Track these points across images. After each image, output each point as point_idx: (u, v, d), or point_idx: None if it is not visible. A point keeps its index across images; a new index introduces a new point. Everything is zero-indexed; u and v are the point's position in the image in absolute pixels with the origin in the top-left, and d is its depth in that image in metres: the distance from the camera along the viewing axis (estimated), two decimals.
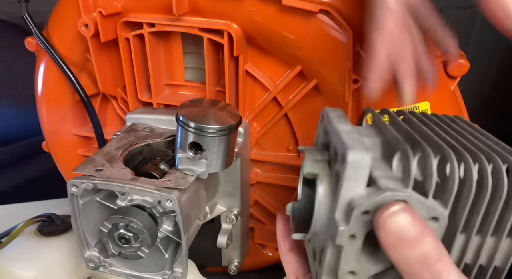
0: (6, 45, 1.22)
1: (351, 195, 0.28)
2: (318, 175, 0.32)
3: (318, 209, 0.32)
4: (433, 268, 0.27)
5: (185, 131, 0.47)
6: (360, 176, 0.28)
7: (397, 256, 0.27)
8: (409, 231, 0.26)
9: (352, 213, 0.28)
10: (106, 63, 0.62)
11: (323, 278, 0.32)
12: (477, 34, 1.57)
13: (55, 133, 0.72)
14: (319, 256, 0.33)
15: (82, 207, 0.50)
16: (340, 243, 0.29)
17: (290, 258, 0.39)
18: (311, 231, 0.32)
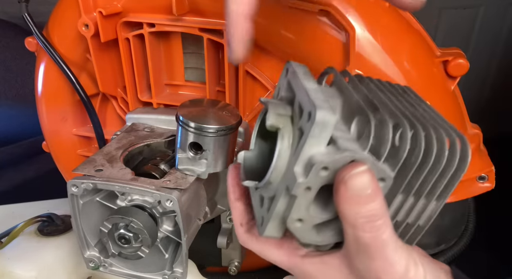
0: (6, 45, 1.22)
1: (313, 151, 0.30)
2: (280, 129, 0.33)
3: (276, 160, 0.33)
4: (374, 223, 0.31)
5: (185, 131, 0.47)
6: (324, 135, 0.30)
7: (349, 209, 0.31)
8: (366, 190, 0.30)
9: (312, 168, 0.30)
10: (106, 63, 0.62)
11: (270, 223, 0.34)
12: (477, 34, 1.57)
13: (55, 133, 0.72)
14: (268, 203, 0.35)
15: (82, 207, 0.50)
16: (296, 193, 0.31)
17: (237, 206, 0.41)
18: (265, 180, 0.34)
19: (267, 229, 0.35)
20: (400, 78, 0.55)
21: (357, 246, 0.32)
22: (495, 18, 1.54)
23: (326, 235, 0.35)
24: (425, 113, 0.37)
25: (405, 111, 0.35)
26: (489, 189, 0.61)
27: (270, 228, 0.35)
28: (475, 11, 1.53)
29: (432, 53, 0.56)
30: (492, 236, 0.91)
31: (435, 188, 0.34)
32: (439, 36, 1.55)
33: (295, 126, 0.33)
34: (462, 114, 0.61)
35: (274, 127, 0.33)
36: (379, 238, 0.32)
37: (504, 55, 1.59)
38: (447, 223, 0.74)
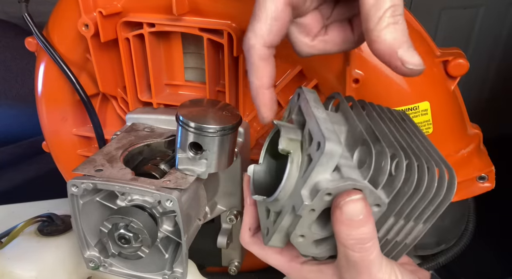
0: (6, 45, 1.22)
1: (319, 178, 0.34)
2: (291, 153, 0.37)
3: (285, 181, 0.37)
4: (363, 245, 0.35)
5: (185, 131, 0.47)
6: (330, 164, 0.33)
7: (342, 231, 0.35)
8: (359, 216, 0.34)
9: (318, 194, 0.33)
10: (106, 63, 0.62)
11: (275, 236, 0.39)
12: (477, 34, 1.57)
13: (55, 133, 0.72)
14: (274, 217, 0.40)
15: (82, 207, 0.50)
16: (301, 214, 0.35)
17: (251, 211, 0.46)
18: (274, 197, 0.38)
19: (272, 240, 0.39)
20: (399, 78, 0.55)
21: (347, 262, 0.37)
22: (495, 18, 1.54)
23: (323, 249, 0.39)
24: (419, 143, 0.41)
25: (402, 142, 0.39)
26: (489, 189, 0.61)
27: (274, 239, 0.39)
28: (475, 11, 1.53)
29: (432, 53, 0.56)
30: (492, 236, 0.92)
31: (423, 214, 0.39)
32: (439, 36, 1.55)
33: (304, 151, 0.37)
34: (462, 114, 0.61)
35: (285, 151, 0.37)
36: (367, 258, 0.36)
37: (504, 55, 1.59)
38: (447, 223, 0.74)
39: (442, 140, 0.59)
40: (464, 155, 0.60)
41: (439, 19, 1.52)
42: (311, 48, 0.42)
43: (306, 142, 0.37)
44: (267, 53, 0.41)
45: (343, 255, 0.37)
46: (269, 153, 0.45)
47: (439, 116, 0.57)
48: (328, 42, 0.42)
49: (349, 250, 0.36)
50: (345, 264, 0.37)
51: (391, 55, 0.35)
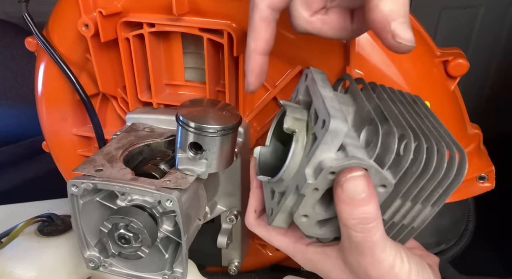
0: (6, 45, 1.22)
1: (323, 156, 0.33)
2: (296, 132, 0.37)
3: (290, 161, 0.37)
4: (366, 226, 0.34)
5: (185, 131, 0.47)
6: (335, 142, 0.33)
7: (344, 210, 0.34)
8: (360, 194, 0.33)
9: (321, 172, 0.33)
10: (106, 63, 0.62)
11: (279, 215, 0.39)
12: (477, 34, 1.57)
13: (55, 133, 0.72)
14: (278, 197, 0.40)
15: (82, 207, 0.50)
16: (305, 193, 0.34)
17: (256, 193, 0.47)
18: (278, 177, 0.37)
19: (276, 220, 0.39)
20: (399, 78, 0.55)
21: (349, 243, 0.36)
22: (495, 18, 1.54)
23: (327, 230, 0.39)
24: (430, 125, 0.40)
25: (412, 123, 0.38)
26: (489, 189, 0.61)
27: (278, 219, 0.39)
28: (475, 11, 1.53)
29: (432, 53, 0.56)
30: (492, 236, 0.92)
31: (431, 196, 0.38)
32: (439, 36, 1.55)
33: (310, 130, 0.37)
34: (462, 114, 0.61)
35: (290, 130, 0.37)
36: (370, 239, 0.35)
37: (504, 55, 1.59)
38: (447, 223, 0.74)
39: None
40: None
41: (439, 19, 1.52)
42: (309, 24, 0.41)
43: (311, 122, 0.37)
44: (270, 16, 0.40)
45: (346, 236, 0.36)
46: (275, 136, 0.45)
47: (439, 116, 0.57)
48: (326, 23, 0.41)
49: (351, 231, 0.35)
50: (348, 245, 0.37)
51: (384, 26, 0.34)
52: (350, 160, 0.33)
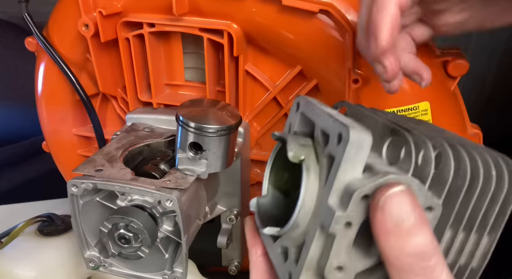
0: (6, 45, 1.22)
1: (348, 178, 0.26)
2: (304, 160, 0.30)
3: (303, 196, 0.29)
4: (426, 263, 0.24)
5: (185, 131, 0.47)
6: (359, 157, 0.26)
7: (390, 246, 0.25)
8: (409, 218, 0.24)
9: (352, 197, 0.25)
10: (106, 63, 0.62)
11: (302, 276, 0.29)
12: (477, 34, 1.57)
13: (55, 133, 0.72)
14: (295, 253, 0.31)
15: (82, 207, 0.50)
16: (334, 231, 0.26)
17: (260, 264, 0.36)
18: (291, 222, 0.29)
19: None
20: None
21: None
22: None
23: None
24: (453, 136, 0.33)
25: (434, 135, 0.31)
26: None
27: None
28: None
29: (432, 53, 0.56)
30: None
31: (487, 218, 0.30)
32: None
33: (321, 156, 0.30)
34: (462, 114, 0.61)
35: (297, 158, 0.30)
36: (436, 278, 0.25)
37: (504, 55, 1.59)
38: None
39: None
40: None
41: None
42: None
43: (320, 146, 0.30)
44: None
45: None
46: (272, 184, 0.36)
47: (439, 116, 0.57)
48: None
49: (407, 275, 0.25)
50: None
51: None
52: (386, 176, 0.25)
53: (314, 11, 0.51)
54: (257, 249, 0.36)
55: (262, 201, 0.35)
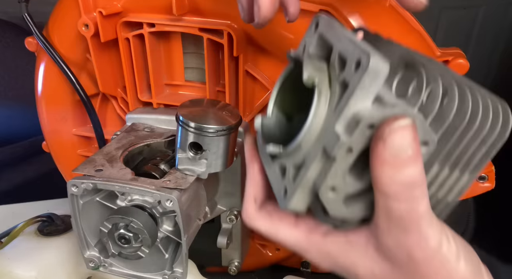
0: (6, 45, 1.22)
1: (358, 107, 0.27)
2: (317, 83, 0.30)
3: (312, 119, 0.29)
4: (411, 193, 0.27)
5: (185, 131, 0.47)
6: (373, 87, 0.26)
7: (383, 174, 0.27)
8: (407, 151, 0.26)
9: (359, 125, 0.26)
10: (106, 63, 0.62)
11: (297, 192, 0.30)
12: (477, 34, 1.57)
13: (55, 133, 0.72)
14: (293, 172, 0.32)
15: (82, 207, 0.50)
16: (336, 155, 0.27)
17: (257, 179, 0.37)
18: (296, 142, 0.30)
19: (293, 200, 0.31)
20: None
21: (388, 219, 0.29)
22: (495, 18, 1.54)
23: (355, 208, 0.31)
24: (460, 77, 0.34)
25: (444, 73, 0.31)
26: (489, 189, 0.61)
27: (296, 198, 0.31)
28: (475, 11, 1.53)
29: (432, 53, 0.56)
30: (492, 236, 0.92)
31: (474, 158, 0.31)
32: (439, 36, 1.55)
33: (334, 81, 0.30)
34: None
35: (311, 81, 0.30)
36: (415, 210, 0.28)
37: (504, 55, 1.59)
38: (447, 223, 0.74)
39: None
40: None
41: (439, 19, 1.52)
42: None
43: (335, 71, 0.30)
44: None
45: (384, 210, 0.28)
46: (278, 105, 0.36)
47: None
48: None
49: (393, 201, 0.27)
50: (386, 223, 0.29)
51: None
52: (394, 108, 0.26)
53: (314, 11, 0.51)
54: (254, 165, 0.37)
55: (266, 121, 0.36)
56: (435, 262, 0.29)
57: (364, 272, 0.32)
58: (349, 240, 0.32)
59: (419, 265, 0.29)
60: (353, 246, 0.32)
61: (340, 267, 0.34)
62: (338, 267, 0.34)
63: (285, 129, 0.37)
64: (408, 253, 0.29)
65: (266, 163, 0.35)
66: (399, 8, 0.54)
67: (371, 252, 0.31)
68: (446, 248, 0.30)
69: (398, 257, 0.30)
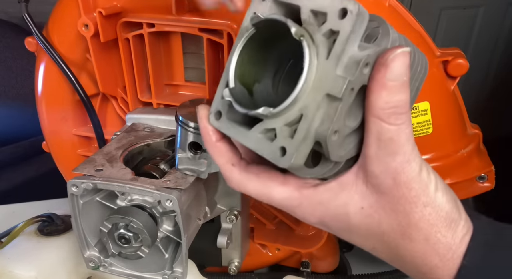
0: (6, 45, 1.22)
1: (351, 50, 0.29)
2: (304, 36, 0.31)
3: (307, 71, 0.30)
4: (400, 115, 0.30)
5: (184, 131, 0.47)
6: (362, 29, 0.29)
7: (379, 98, 0.30)
8: (402, 77, 0.29)
9: (360, 64, 0.29)
10: (106, 63, 0.62)
11: (301, 146, 0.31)
12: (477, 34, 1.57)
13: (55, 133, 0.72)
14: (288, 130, 0.32)
15: (82, 207, 0.50)
16: (344, 96, 0.29)
17: (221, 147, 0.37)
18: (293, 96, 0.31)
19: (297, 155, 0.31)
20: None
21: (378, 144, 0.31)
22: (495, 18, 1.54)
23: (348, 148, 0.33)
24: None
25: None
26: (489, 189, 0.61)
27: (299, 152, 0.31)
28: (475, 11, 1.53)
29: (432, 53, 0.56)
30: None
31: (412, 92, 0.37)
32: (439, 36, 1.55)
33: (315, 34, 0.31)
34: (462, 114, 0.61)
35: (298, 34, 0.31)
36: (403, 131, 0.31)
37: (504, 55, 1.59)
38: None
39: (441, 140, 0.59)
40: (464, 155, 0.60)
41: (439, 19, 1.52)
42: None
43: (313, 26, 0.32)
44: None
45: (375, 135, 0.31)
46: (237, 76, 0.36)
47: (439, 116, 0.57)
48: None
49: (384, 123, 0.30)
50: (375, 149, 0.31)
51: None
52: (380, 46, 0.30)
53: None
54: (214, 134, 0.37)
55: (232, 91, 0.35)
56: (415, 184, 0.32)
57: (354, 209, 0.34)
58: (340, 182, 0.34)
59: (402, 189, 0.32)
60: (343, 187, 0.34)
61: (332, 214, 0.35)
62: (330, 216, 0.35)
63: (248, 102, 0.36)
64: (392, 177, 0.32)
65: (237, 132, 0.35)
66: (399, 8, 0.54)
67: (360, 186, 0.33)
68: (425, 174, 0.32)
69: (384, 184, 0.32)
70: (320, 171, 0.34)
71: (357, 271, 0.78)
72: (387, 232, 0.34)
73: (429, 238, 0.33)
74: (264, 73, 0.38)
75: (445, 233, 0.33)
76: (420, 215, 0.32)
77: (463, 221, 0.34)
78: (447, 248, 0.33)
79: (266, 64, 0.37)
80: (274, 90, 0.38)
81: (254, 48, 0.35)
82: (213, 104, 0.37)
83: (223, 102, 0.36)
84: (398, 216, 0.33)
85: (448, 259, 0.33)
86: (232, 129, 0.35)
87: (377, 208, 0.33)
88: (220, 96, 0.37)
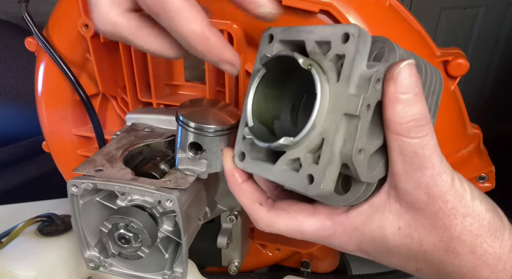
0: (6, 45, 1.22)
1: (360, 69, 0.31)
2: (312, 65, 0.32)
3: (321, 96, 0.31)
4: (421, 128, 0.29)
5: (185, 131, 0.47)
6: (366, 49, 0.31)
7: (396, 113, 0.29)
8: (414, 89, 0.29)
9: (371, 80, 0.30)
10: (106, 63, 0.62)
11: (328, 171, 0.31)
12: (477, 34, 1.57)
13: (55, 133, 0.72)
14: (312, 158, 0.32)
15: (82, 207, 0.50)
16: (361, 113, 0.30)
17: (248, 189, 0.38)
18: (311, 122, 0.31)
19: (326, 180, 0.31)
20: None
21: (403, 160, 0.30)
22: (495, 18, 1.54)
23: (376, 167, 0.33)
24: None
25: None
26: (489, 189, 0.61)
27: (328, 177, 0.31)
28: (475, 11, 1.53)
29: (432, 53, 0.56)
30: None
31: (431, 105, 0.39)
32: (439, 36, 1.55)
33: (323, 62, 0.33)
34: (462, 114, 0.61)
35: (306, 64, 0.32)
36: (428, 144, 0.30)
37: (504, 55, 1.59)
38: None
39: (442, 140, 0.59)
40: (464, 155, 0.60)
41: (439, 19, 1.52)
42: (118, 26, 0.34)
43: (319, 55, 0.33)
44: None
45: (398, 151, 0.30)
46: (255, 116, 0.37)
47: (439, 116, 0.57)
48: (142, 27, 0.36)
49: (406, 138, 0.29)
50: (401, 166, 0.30)
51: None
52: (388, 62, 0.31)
53: (314, 11, 0.51)
54: (240, 176, 0.37)
55: (252, 129, 0.37)
56: (450, 196, 0.30)
57: (391, 231, 0.33)
58: (371, 203, 0.33)
59: (437, 202, 0.30)
60: (376, 208, 0.33)
61: (368, 240, 0.34)
62: (365, 241, 0.34)
63: (267, 136, 0.38)
64: (426, 192, 0.30)
65: (262, 168, 0.36)
66: (399, 8, 0.54)
67: (393, 206, 0.32)
68: (458, 184, 0.31)
69: (418, 200, 0.31)
70: (352, 196, 0.33)
71: (357, 271, 0.78)
72: (429, 250, 0.32)
73: (475, 250, 0.31)
74: (282, 109, 0.39)
75: (492, 243, 0.31)
76: (461, 227, 0.31)
77: (508, 229, 0.32)
78: (496, 258, 0.31)
79: (282, 101, 0.38)
80: (293, 123, 0.39)
81: (269, 86, 0.37)
82: (236, 147, 0.39)
83: (245, 143, 0.38)
84: (439, 232, 0.31)
85: (500, 270, 0.31)
86: (257, 167, 0.36)
87: (416, 226, 0.32)
88: (241, 138, 0.38)
